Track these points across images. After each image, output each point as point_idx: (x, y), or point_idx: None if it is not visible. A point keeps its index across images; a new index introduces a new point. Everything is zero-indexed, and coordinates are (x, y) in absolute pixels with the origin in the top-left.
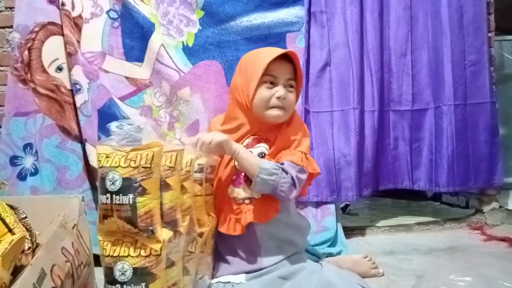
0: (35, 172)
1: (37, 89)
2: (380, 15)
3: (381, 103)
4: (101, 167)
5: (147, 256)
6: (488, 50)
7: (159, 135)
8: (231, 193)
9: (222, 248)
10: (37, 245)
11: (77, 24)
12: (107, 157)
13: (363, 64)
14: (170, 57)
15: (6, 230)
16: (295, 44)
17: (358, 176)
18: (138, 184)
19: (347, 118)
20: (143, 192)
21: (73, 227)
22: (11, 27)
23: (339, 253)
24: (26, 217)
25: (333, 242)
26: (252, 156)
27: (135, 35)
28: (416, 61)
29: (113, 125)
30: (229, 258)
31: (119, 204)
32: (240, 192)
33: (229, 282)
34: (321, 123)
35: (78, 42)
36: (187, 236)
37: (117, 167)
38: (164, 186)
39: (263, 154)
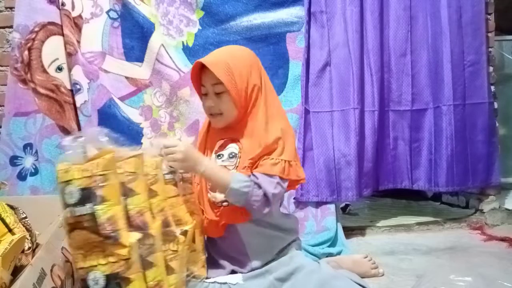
0: (35, 172)
1: (37, 89)
2: (380, 15)
3: (381, 103)
4: (59, 183)
5: (116, 261)
6: (487, 50)
7: (160, 134)
8: (210, 197)
9: (211, 250)
10: (37, 245)
11: (77, 24)
12: (65, 172)
13: (363, 64)
14: (170, 57)
15: (6, 230)
16: (295, 44)
17: (358, 176)
18: (95, 192)
19: (347, 118)
20: (102, 199)
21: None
22: (11, 27)
23: (339, 253)
24: (26, 217)
25: (333, 242)
26: (221, 174)
27: (135, 35)
28: (415, 61)
29: (65, 141)
30: (219, 259)
31: (80, 215)
32: (216, 196)
33: (225, 282)
34: (321, 123)
35: (78, 42)
36: (164, 236)
37: (72, 180)
38: (128, 192)
39: (233, 154)
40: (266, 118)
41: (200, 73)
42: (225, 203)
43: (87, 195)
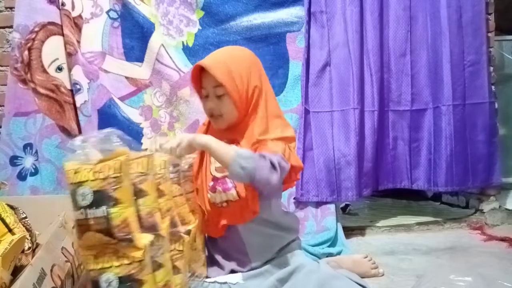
0: (35, 172)
1: (37, 89)
2: (380, 15)
3: (380, 103)
4: (70, 184)
5: (130, 263)
6: (487, 50)
7: (160, 134)
8: (210, 198)
9: (211, 249)
10: (37, 245)
11: (77, 24)
12: (75, 172)
13: (363, 64)
14: (170, 57)
15: (6, 230)
16: (295, 44)
17: (358, 176)
18: (109, 195)
19: (347, 118)
20: (116, 202)
21: (73, 227)
22: (11, 27)
23: (339, 253)
24: (26, 217)
25: (333, 242)
26: (226, 145)
27: (135, 35)
28: (415, 61)
29: (76, 140)
30: (218, 258)
31: (94, 217)
32: (216, 197)
33: (225, 282)
34: (321, 123)
35: (78, 42)
36: (171, 236)
37: (86, 181)
38: (138, 192)
39: None
40: (267, 120)
41: (200, 75)
42: (224, 204)
43: (100, 198)
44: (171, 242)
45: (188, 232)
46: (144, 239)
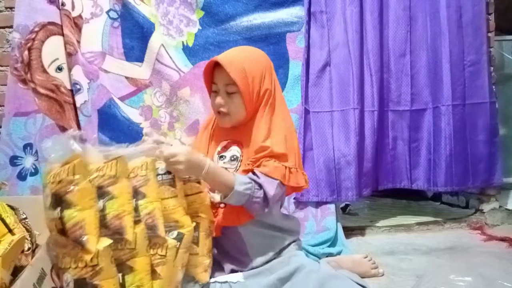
0: (35, 172)
1: (37, 89)
2: (380, 15)
3: (380, 103)
4: (43, 185)
5: (84, 267)
6: (488, 50)
7: (161, 133)
8: (210, 197)
9: (214, 249)
10: (37, 245)
11: (77, 24)
12: (46, 174)
13: (362, 64)
14: (170, 57)
15: (6, 230)
16: (295, 44)
17: (358, 176)
18: (63, 197)
19: (347, 118)
20: (69, 205)
21: None
22: (11, 27)
23: (339, 253)
24: (26, 218)
25: (333, 242)
26: (222, 177)
27: (135, 35)
28: (415, 61)
29: (46, 143)
30: (219, 259)
31: (52, 218)
32: (215, 197)
33: (226, 282)
34: (321, 123)
35: (78, 42)
36: (151, 240)
37: (47, 183)
38: (106, 195)
39: (235, 157)
40: (270, 123)
41: (212, 70)
42: (222, 205)
43: (57, 200)
44: (153, 246)
45: (179, 237)
46: (100, 243)
